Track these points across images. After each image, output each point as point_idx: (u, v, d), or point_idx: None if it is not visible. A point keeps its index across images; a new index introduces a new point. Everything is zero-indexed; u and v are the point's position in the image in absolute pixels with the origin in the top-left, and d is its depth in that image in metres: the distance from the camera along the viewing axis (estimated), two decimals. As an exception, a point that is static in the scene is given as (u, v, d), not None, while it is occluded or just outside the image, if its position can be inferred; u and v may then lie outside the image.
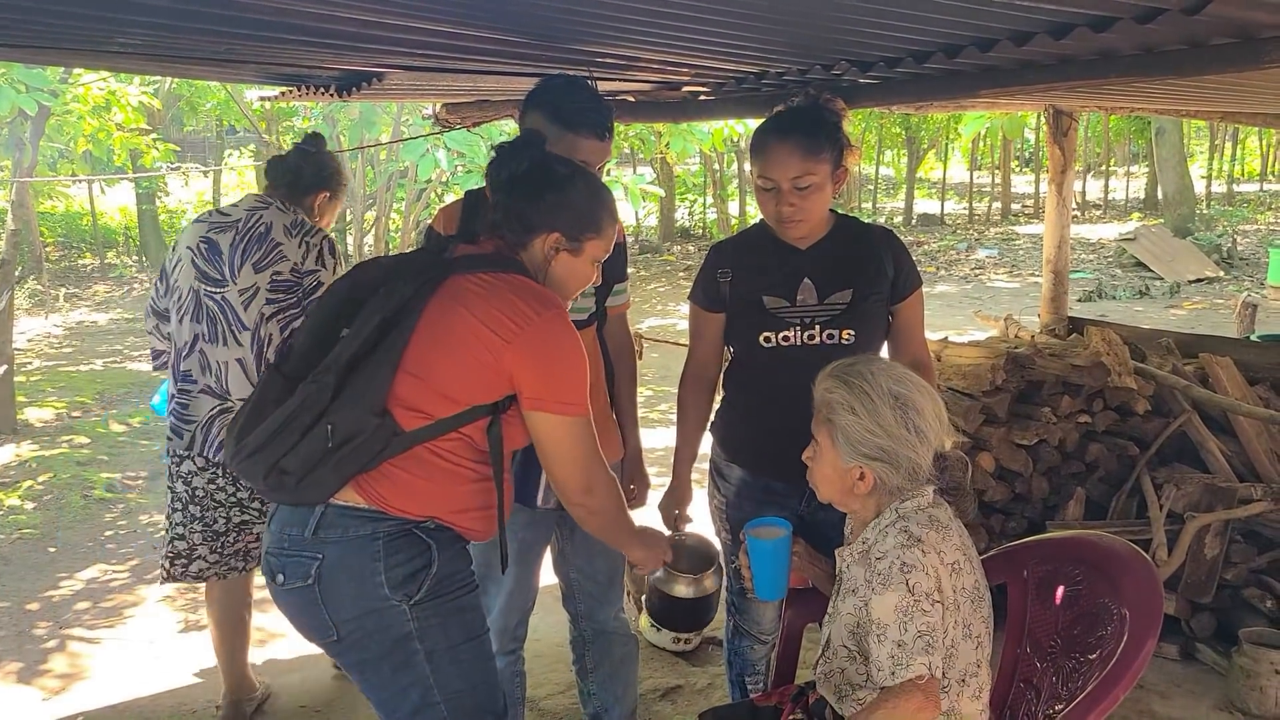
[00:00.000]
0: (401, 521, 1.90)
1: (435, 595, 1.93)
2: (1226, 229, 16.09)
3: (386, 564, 1.88)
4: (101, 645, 3.99)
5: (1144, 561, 2.06)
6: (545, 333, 1.93)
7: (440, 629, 1.95)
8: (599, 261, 2.13)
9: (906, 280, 2.50)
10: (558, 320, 1.95)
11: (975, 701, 1.97)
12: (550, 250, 2.03)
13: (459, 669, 1.97)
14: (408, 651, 1.92)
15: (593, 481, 2.00)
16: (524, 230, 2.03)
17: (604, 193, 2.13)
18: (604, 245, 2.11)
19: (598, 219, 2.07)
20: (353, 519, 1.88)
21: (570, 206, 2.04)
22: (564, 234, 2.03)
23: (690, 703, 3.31)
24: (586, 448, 1.98)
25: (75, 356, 10.14)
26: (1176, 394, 4.03)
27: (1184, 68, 2.27)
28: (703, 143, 9.19)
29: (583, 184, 2.08)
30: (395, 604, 1.89)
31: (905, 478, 1.96)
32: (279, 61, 3.02)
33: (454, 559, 1.98)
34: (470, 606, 2.02)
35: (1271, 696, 3.17)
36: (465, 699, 1.98)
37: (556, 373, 1.93)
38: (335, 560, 1.88)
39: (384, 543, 1.89)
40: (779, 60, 2.83)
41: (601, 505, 2.03)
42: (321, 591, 1.89)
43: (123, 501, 5.71)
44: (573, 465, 1.98)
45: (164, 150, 11.53)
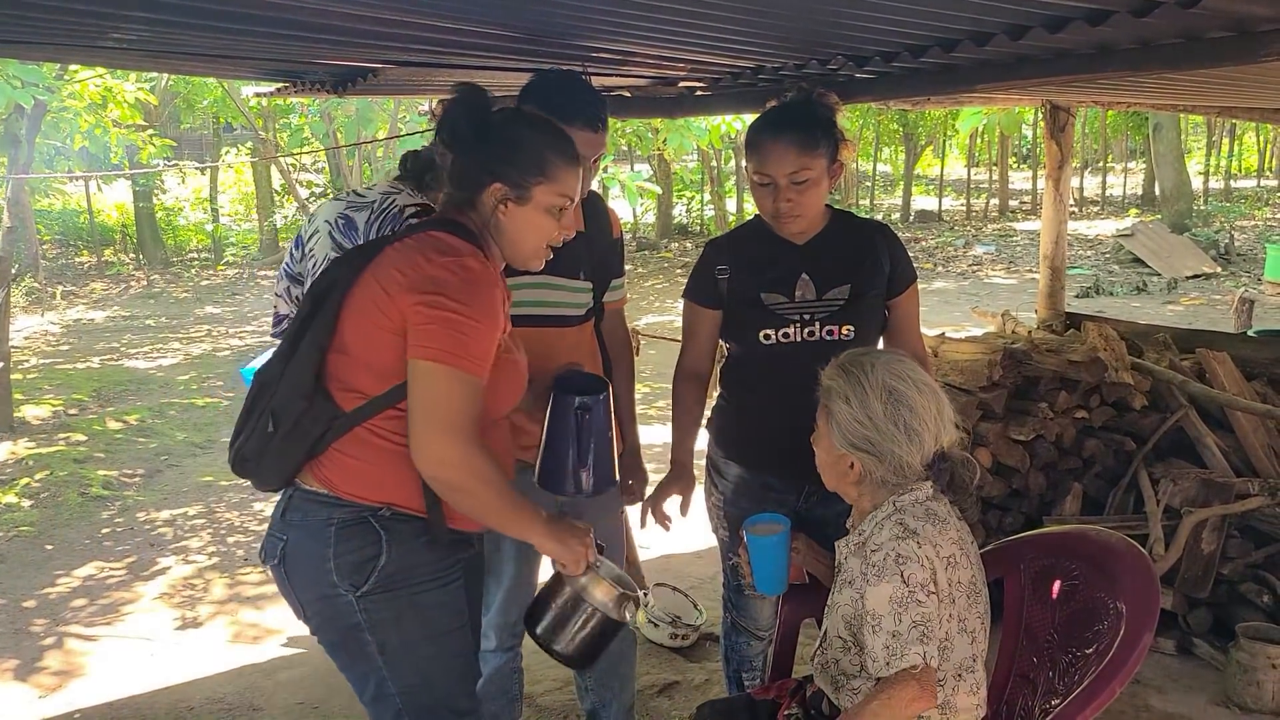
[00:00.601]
0: (357, 508, 1.85)
1: (385, 589, 1.86)
2: (1224, 225, 16.10)
3: (336, 551, 1.84)
4: (98, 643, 3.98)
5: (1140, 556, 2.06)
6: (432, 276, 1.79)
7: (392, 623, 1.88)
8: (559, 210, 1.95)
9: (902, 275, 2.49)
10: (453, 265, 1.80)
11: (971, 696, 1.97)
12: (495, 203, 1.89)
13: (414, 665, 1.91)
14: (360, 642, 1.89)
15: (449, 450, 1.76)
16: (468, 186, 1.91)
17: (552, 135, 1.95)
18: (558, 190, 1.92)
19: (544, 162, 1.90)
20: (312, 503, 1.87)
21: (510, 152, 1.90)
22: (506, 183, 1.88)
23: (688, 698, 3.31)
24: (457, 408, 1.76)
25: (72, 354, 10.13)
26: (1173, 389, 4.03)
27: (1180, 61, 2.26)
28: (700, 139, 9.19)
29: (526, 127, 1.94)
30: (342, 593, 1.85)
31: (891, 472, 1.96)
32: (274, 57, 3.01)
33: (412, 551, 1.87)
34: (434, 603, 1.92)
35: (1268, 691, 3.17)
36: (421, 695, 1.93)
37: (439, 317, 1.76)
38: (296, 543, 1.88)
39: (336, 529, 1.84)
40: (775, 55, 2.82)
41: (460, 481, 1.78)
42: (287, 572, 1.90)
43: (120, 499, 5.71)
44: (432, 424, 1.75)
45: (160, 147, 11.53)
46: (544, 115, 2.06)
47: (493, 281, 1.85)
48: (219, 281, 15.69)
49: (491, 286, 1.84)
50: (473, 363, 1.78)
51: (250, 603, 4.30)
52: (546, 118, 2.03)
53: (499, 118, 1.93)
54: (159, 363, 9.65)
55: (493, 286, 1.84)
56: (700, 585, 4.15)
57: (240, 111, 14.46)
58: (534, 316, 2.44)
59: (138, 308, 13.18)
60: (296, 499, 1.89)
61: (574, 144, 1.97)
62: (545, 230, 1.95)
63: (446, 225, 1.89)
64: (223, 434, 6.98)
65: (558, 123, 2.29)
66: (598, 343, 2.64)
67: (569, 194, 1.94)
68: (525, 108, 2.05)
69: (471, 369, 1.78)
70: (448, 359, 1.75)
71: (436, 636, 1.93)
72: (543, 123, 1.98)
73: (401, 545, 1.86)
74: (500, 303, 1.87)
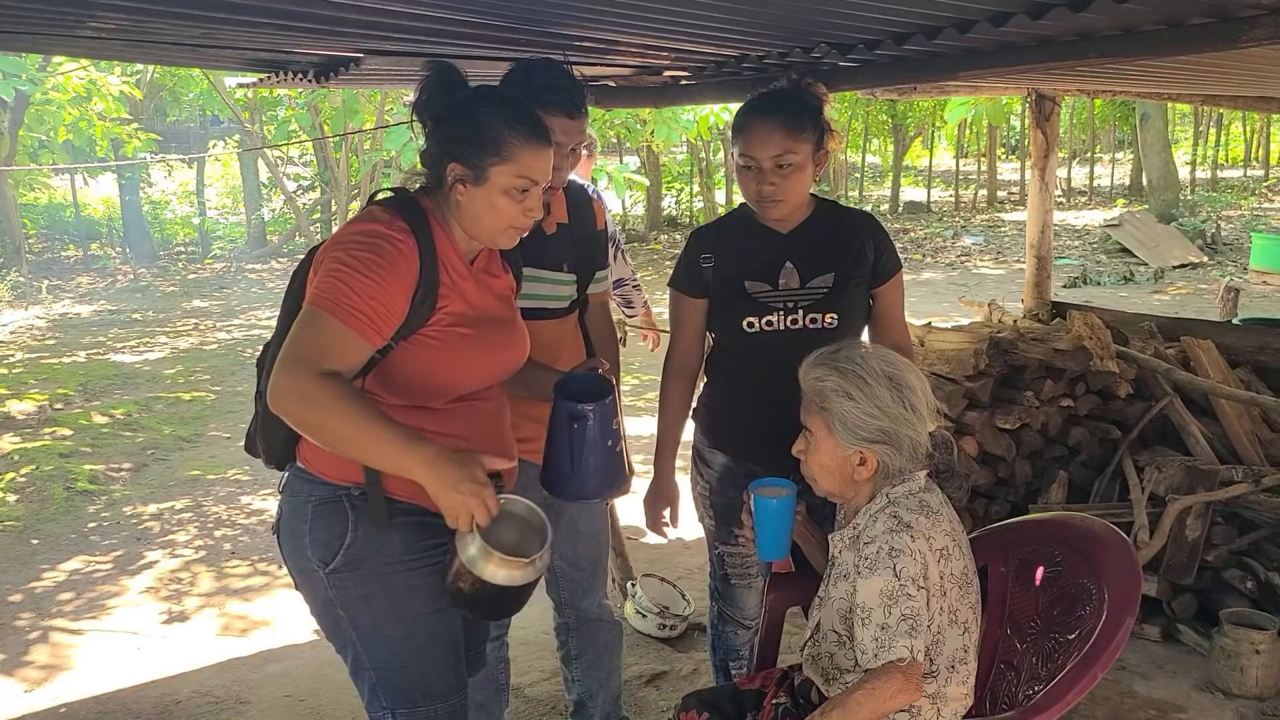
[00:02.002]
0: (332, 488, 1.89)
1: (353, 568, 1.89)
2: (1210, 214, 16.15)
3: (311, 527, 1.90)
4: (84, 637, 3.97)
5: (1121, 541, 2.07)
6: (337, 239, 1.83)
7: (362, 603, 1.91)
8: (520, 192, 1.88)
9: (887, 263, 2.49)
10: (358, 227, 1.82)
11: (962, 686, 1.98)
12: (453, 182, 1.87)
13: (385, 646, 1.94)
14: (335, 616, 1.94)
15: (279, 377, 1.71)
16: (431, 166, 1.90)
17: (513, 114, 1.88)
18: (516, 171, 1.86)
19: (501, 141, 1.84)
20: (299, 481, 1.94)
21: (467, 131, 1.85)
22: (462, 163, 1.85)
23: (675, 688, 3.31)
24: (305, 342, 1.73)
25: (58, 348, 10.07)
26: (1158, 377, 4.04)
27: (1162, 47, 2.27)
28: (688, 131, 9.17)
29: (486, 106, 1.87)
30: (315, 569, 1.90)
31: (907, 458, 1.96)
32: (255, 47, 2.99)
33: (381, 534, 1.88)
34: (404, 587, 1.91)
35: (1252, 676, 3.19)
36: (393, 674, 1.95)
37: (326, 268, 1.78)
38: (284, 516, 1.96)
39: (314, 507, 1.90)
40: (759, 44, 2.82)
41: (295, 411, 1.71)
42: (280, 541, 1.98)
43: (106, 493, 5.68)
44: (280, 358, 1.74)
45: (146, 140, 11.46)
46: (513, 95, 2.00)
47: (397, 245, 1.80)
48: (206, 275, 15.61)
49: (393, 247, 1.79)
50: (346, 311, 1.74)
51: (237, 596, 4.29)
52: (513, 97, 1.97)
53: (461, 96, 1.90)
54: (146, 357, 9.59)
55: (394, 247, 1.79)
56: (688, 576, 4.15)
57: (226, 104, 14.40)
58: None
59: (124, 301, 13.09)
60: (290, 474, 1.97)
61: (540, 124, 1.92)
62: (505, 212, 1.89)
63: (395, 200, 1.90)
64: (210, 428, 6.96)
65: (535, 108, 2.28)
66: (582, 335, 2.64)
67: (530, 176, 1.88)
68: (484, 87, 1.97)
69: (340, 315, 1.74)
70: (317, 300, 1.76)
71: (406, 620, 1.92)
72: (506, 102, 1.91)
73: (369, 525, 1.88)
74: (405, 265, 1.80)
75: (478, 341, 1.92)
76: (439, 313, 1.86)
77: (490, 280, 2.01)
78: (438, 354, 1.87)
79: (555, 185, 2.39)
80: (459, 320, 1.89)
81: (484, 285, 1.98)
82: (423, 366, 1.87)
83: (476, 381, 1.96)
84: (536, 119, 1.91)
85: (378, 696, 1.97)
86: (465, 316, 1.90)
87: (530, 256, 2.44)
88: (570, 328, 2.57)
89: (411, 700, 1.96)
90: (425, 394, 1.89)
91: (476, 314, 1.93)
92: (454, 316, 1.88)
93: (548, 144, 1.91)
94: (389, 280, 1.78)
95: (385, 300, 1.78)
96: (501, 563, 1.74)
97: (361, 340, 1.77)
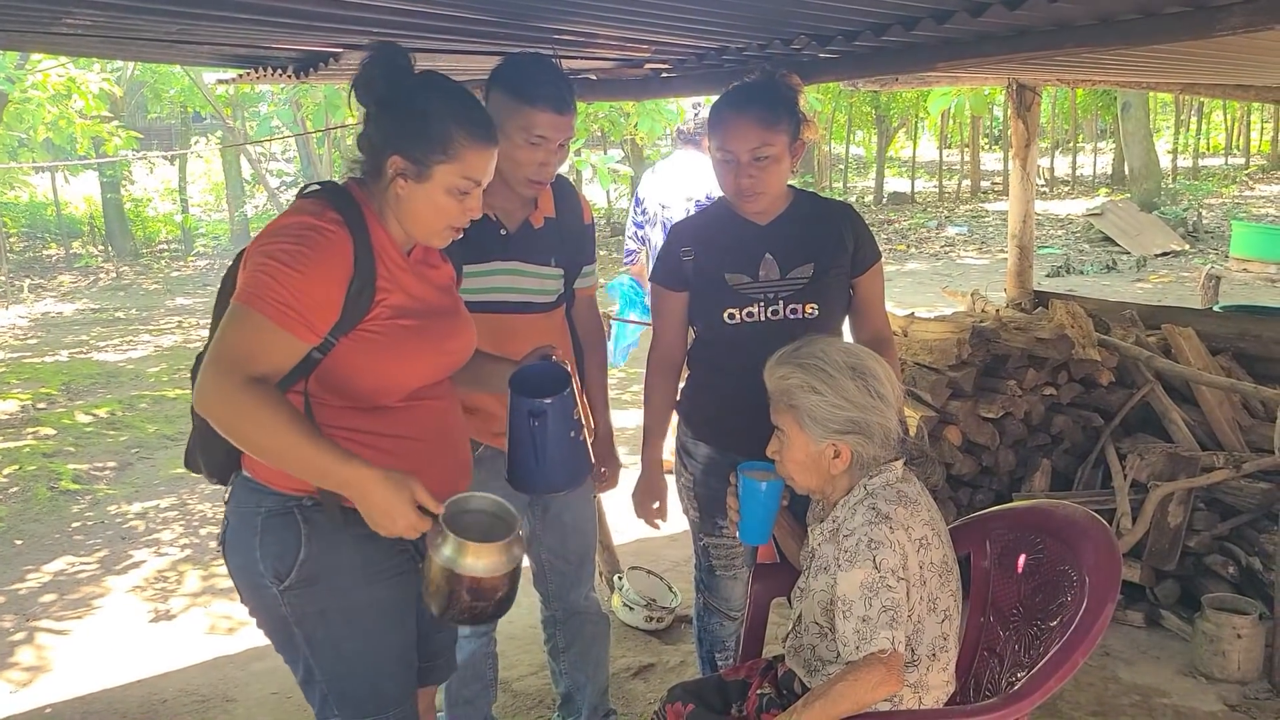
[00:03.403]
0: (282, 498, 1.80)
1: (308, 584, 1.81)
2: (1191, 203, 16.23)
3: (262, 541, 1.81)
4: (69, 637, 3.95)
5: (1101, 528, 2.08)
6: (266, 234, 1.74)
7: (318, 619, 1.84)
8: (462, 192, 1.80)
9: (866, 253, 2.50)
10: (288, 222, 1.74)
11: (942, 673, 2.00)
12: (393, 175, 1.77)
13: (341, 660, 1.87)
14: (288, 632, 1.87)
15: (204, 379, 1.64)
16: (371, 154, 1.80)
17: (464, 109, 1.78)
18: (462, 171, 1.77)
19: (449, 139, 1.75)
20: (245, 490, 1.85)
21: (413, 124, 1.75)
22: (405, 157, 1.75)
23: (663, 680, 3.32)
24: (233, 342, 1.66)
25: (40, 348, 10.00)
26: (1140, 365, 4.07)
27: (1138, 36, 2.28)
28: (672, 124, 9.16)
29: (437, 98, 1.77)
30: (268, 585, 1.82)
31: (880, 445, 1.97)
32: (234, 42, 2.97)
33: (336, 546, 1.81)
34: (363, 601, 1.85)
35: (1234, 661, 3.22)
36: (347, 685, 1.89)
37: (254, 263, 1.70)
38: (232, 529, 1.88)
39: (263, 519, 1.81)
40: (739, 35, 2.82)
41: (219, 415, 1.65)
42: (227, 556, 1.90)
43: (90, 493, 5.65)
44: (207, 358, 1.68)
45: (127, 138, 11.38)
46: (462, 88, 1.87)
47: (327, 235, 1.72)
48: (189, 273, 15.53)
49: (323, 238, 1.71)
50: (273, 306, 1.66)
51: (223, 594, 4.27)
52: (463, 90, 1.85)
53: (411, 83, 1.79)
54: (129, 355, 9.54)
55: (324, 238, 1.71)
56: (675, 568, 4.16)
57: (208, 100, 14.31)
58: (504, 303, 2.44)
59: (107, 300, 13.02)
60: (237, 485, 1.88)
61: (490, 123, 1.83)
62: (446, 212, 1.81)
63: (325, 191, 1.81)
64: (194, 426, 6.92)
65: (523, 104, 2.28)
66: (569, 329, 2.64)
67: (475, 177, 1.80)
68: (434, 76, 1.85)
69: (268, 311, 1.66)
70: (244, 297, 1.68)
71: (363, 634, 1.87)
72: (456, 95, 1.80)
73: (323, 539, 1.80)
74: (336, 257, 1.72)
75: (422, 333, 1.85)
76: (378, 306, 1.78)
77: (429, 271, 1.94)
78: (382, 349, 1.79)
79: (544, 180, 2.39)
80: (401, 312, 1.81)
81: (423, 277, 1.90)
82: (367, 363, 1.78)
83: (425, 375, 1.88)
84: (486, 117, 1.83)
85: (329, 706, 1.92)
86: (407, 308, 1.83)
87: (518, 250, 2.44)
88: (557, 322, 2.58)
89: (363, 710, 1.92)
90: (372, 393, 1.81)
91: (419, 305, 1.86)
92: (395, 309, 1.80)
93: (495, 144, 1.83)
94: (318, 272, 1.70)
95: (315, 293, 1.69)
96: (478, 551, 1.68)
97: (291, 336, 1.69)
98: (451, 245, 2.01)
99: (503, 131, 2.30)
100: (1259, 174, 21.46)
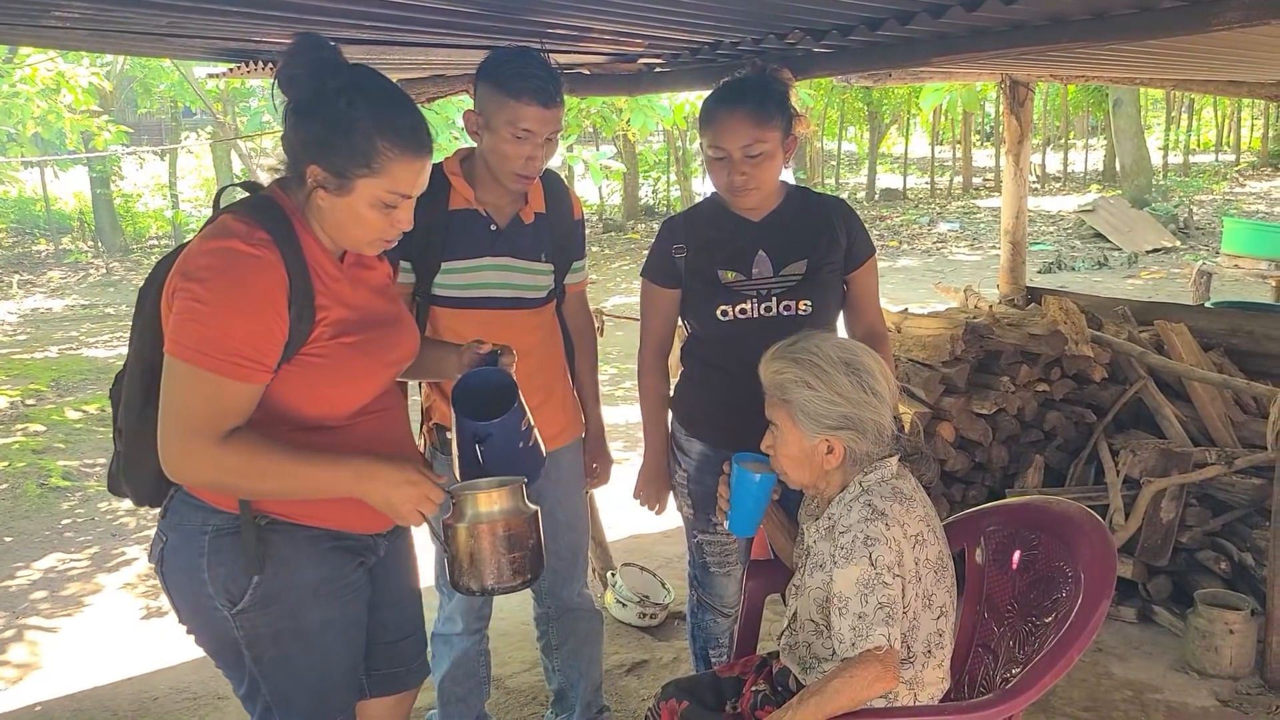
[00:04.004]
0: (231, 516, 1.70)
1: (263, 606, 1.73)
2: (1182, 199, 16.30)
3: (210, 562, 1.71)
4: (60, 634, 3.93)
5: (1097, 524, 2.08)
6: (193, 263, 1.59)
7: (270, 639, 1.76)
8: (388, 206, 1.67)
9: (859, 249, 2.49)
10: (214, 250, 1.59)
11: (938, 670, 1.99)
12: (313, 185, 1.65)
13: (290, 677, 1.81)
14: (235, 654, 1.79)
15: (187, 457, 1.60)
16: (293, 163, 1.67)
17: (391, 117, 1.64)
18: (387, 186, 1.65)
19: (372, 152, 1.61)
20: (188, 506, 1.74)
21: (334, 134, 1.61)
22: (323, 167, 1.62)
23: (656, 677, 3.31)
24: (193, 409, 1.58)
25: (30, 344, 9.96)
26: (1132, 361, 4.07)
27: (1133, 31, 2.28)
28: (664, 120, 9.14)
29: (363, 105, 1.61)
30: (219, 609, 1.72)
31: (873, 441, 1.96)
32: (224, 36, 2.95)
33: (292, 566, 1.74)
34: (318, 622, 1.78)
35: (1226, 656, 3.22)
36: (294, 697, 1.83)
37: (184, 307, 1.57)
38: (173, 547, 1.76)
39: (211, 538, 1.71)
40: (733, 30, 2.81)
41: (215, 480, 1.64)
42: (164, 574, 1.78)
43: (80, 489, 5.63)
44: (167, 425, 1.59)
45: (117, 133, 11.32)
46: (397, 91, 1.71)
47: (259, 262, 1.60)
48: (180, 269, 15.46)
49: (256, 266, 1.59)
50: (218, 360, 1.57)
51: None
52: (393, 93, 1.69)
53: (334, 85, 1.62)
54: (119, 351, 9.50)
55: (256, 266, 1.60)
56: (668, 564, 4.15)
57: (198, 95, 14.24)
58: (495, 299, 2.43)
59: (96, 296, 12.96)
60: (176, 500, 1.76)
61: (420, 131, 1.68)
62: (372, 225, 1.68)
63: (251, 205, 1.69)
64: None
65: (508, 98, 2.25)
66: (560, 325, 2.63)
67: (402, 191, 1.67)
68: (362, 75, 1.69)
69: (214, 366, 1.57)
70: (184, 354, 1.57)
71: (316, 652, 1.81)
72: (384, 101, 1.65)
73: (279, 559, 1.73)
74: (273, 285, 1.62)
75: (365, 348, 1.76)
76: (319, 325, 1.68)
77: (365, 274, 1.83)
78: (325, 372, 1.70)
79: (531, 174, 2.38)
80: (342, 329, 1.72)
81: (359, 281, 1.81)
82: (311, 388, 1.70)
83: (372, 390, 1.80)
84: (415, 124, 1.67)
85: (271, 715, 1.86)
86: (347, 323, 1.73)
87: (508, 246, 2.43)
88: (548, 318, 2.57)
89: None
90: (319, 416, 1.73)
91: (359, 317, 1.76)
92: (335, 326, 1.71)
93: (426, 154, 1.69)
94: (259, 308, 1.59)
95: (258, 332, 1.60)
96: (491, 498, 1.72)
97: (249, 385, 1.62)
98: (439, 241, 1.97)
99: (489, 126, 2.29)
100: (1250, 170, 21.53)
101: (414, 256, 2.35)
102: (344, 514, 1.78)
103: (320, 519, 1.77)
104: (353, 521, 1.81)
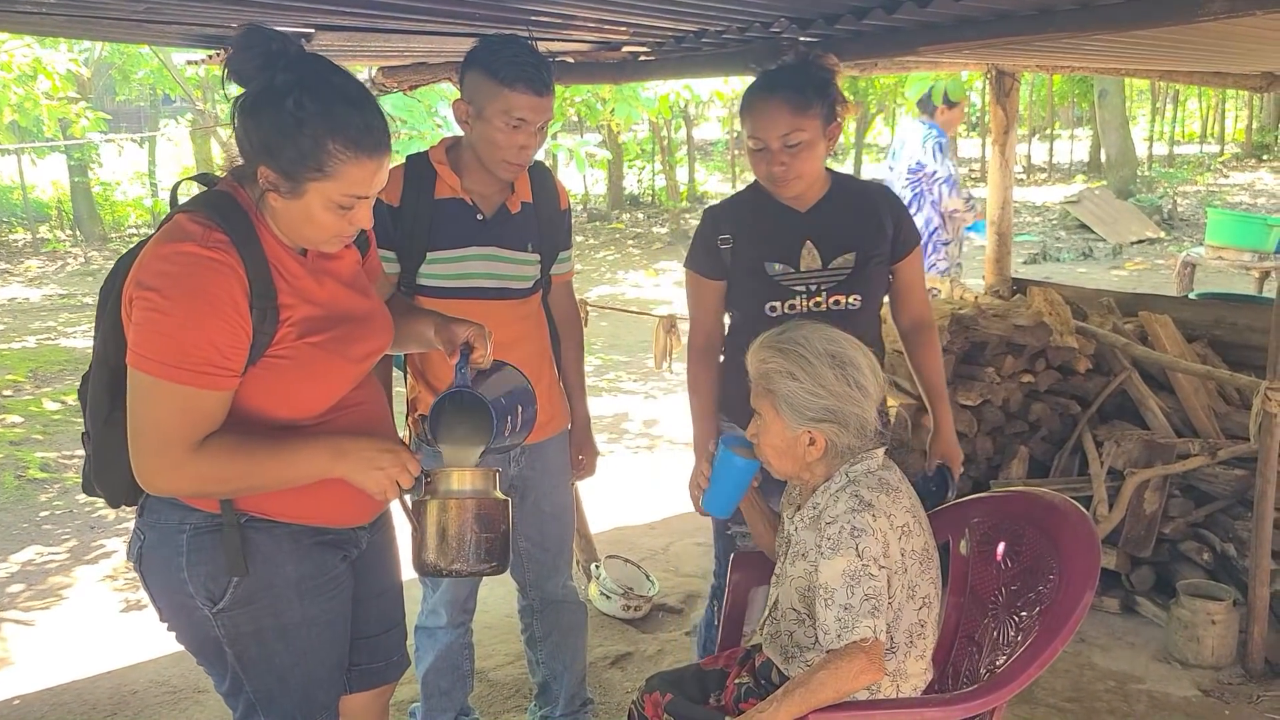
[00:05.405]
0: (209, 515, 1.69)
1: (244, 604, 1.72)
2: (1167, 190, 16.36)
3: (189, 560, 1.69)
4: (38, 628, 3.89)
5: (1081, 515, 2.08)
6: (148, 268, 1.55)
7: (252, 637, 1.75)
8: (344, 208, 1.62)
9: (906, 238, 2.48)
10: (169, 256, 1.54)
11: (920, 661, 1.99)
12: (264, 186, 1.60)
13: (273, 674, 1.80)
14: (217, 651, 1.78)
15: (166, 472, 1.58)
16: (245, 160, 1.62)
17: (343, 116, 1.56)
18: (340, 189, 1.59)
19: (322, 154, 1.55)
20: (165, 504, 1.71)
21: (282, 135, 1.54)
22: (273, 169, 1.57)
23: (640, 669, 3.30)
24: (164, 423, 1.55)
25: (7, 334, 9.85)
26: (1116, 352, 4.08)
27: (1120, 21, 2.27)
28: (649, 110, 9.10)
29: (311, 105, 1.54)
30: (199, 607, 1.71)
31: (855, 435, 1.95)
32: (202, 22, 2.90)
33: (273, 563, 1.73)
34: (300, 619, 1.77)
35: (1208, 646, 3.24)
36: (277, 694, 1.82)
37: (143, 318, 1.53)
38: (151, 545, 1.74)
39: (189, 537, 1.69)
40: (718, 18, 2.78)
41: (197, 489, 1.64)
42: (143, 572, 1.77)
43: (59, 481, 5.57)
44: (138, 440, 1.57)
45: (95, 120, 11.21)
46: (352, 87, 1.62)
47: (217, 267, 1.55)
48: (161, 258, 15.33)
49: (214, 271, 1.55)
50: (184, 371, 1.53)
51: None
52: (347, 91, 1.60)
53: (283, 81, 1.55)
54: (99, 341, 9.42)
55: (214, 271, 1.55)
56: (652, 557, 4.14)
57: (177, 82, 14.11)
58: (480, 289, 2.41)
59: (75, 285, 12.83)
60: (152, 498, 1.73)
61: (375, 130, 1.61)
62: (326, 226, 1.63)
63: (207, 202, 1.63)
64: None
65: (501, 87, 2.22)
66: (545, 315, 2.61)
67: (357, 193, 1.61)
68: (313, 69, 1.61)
69: (181, 378, 1.53)
70: (148, 367, 1.53)
71: (297, 649, 1.80)
72: (340, 96, 1.57)
73: (259, 557, 1.71)
74: (233, 288, 1.57)
75: (332, 346, 1.72)
76: (284, 326, 1.64)
77: (331, 265, 1.77)
78: (292, 372, 1.67)
79: (522, 163, 2.35)
80: (308, 329, 1.68)
81: (325, 273, 1.75)
82: (279, 389, 1.67)
83: (342, 388, 1.77)
84: (368, 123, 1.60)
85: (255, 713, 1.85)
86: (313, 320, 1.69)
87: (494, 236, 2.41)
88: (534, 308, 2.55)
89: (290, 718, 1.86)
90: (289, 416, 1.71)
91: (325, 313, 1.72)
92: (301, 325, 1.67)
93: (381, 154, 1.62)
94: (221, 313, 1.55)
95: (225, 337, 1.56)
96: (471, 473, 1.73)
97: (219, 393, 1.59)
98: (425, 230, 1.92)
99: (481, 115, 2.26)
100: (1234, 162, 21.62)
101: (399, 246, 2.33)
102: (325, 508, 1.77)
103: (301, 515, 1.75)
104: (333, 515, 1.80)
